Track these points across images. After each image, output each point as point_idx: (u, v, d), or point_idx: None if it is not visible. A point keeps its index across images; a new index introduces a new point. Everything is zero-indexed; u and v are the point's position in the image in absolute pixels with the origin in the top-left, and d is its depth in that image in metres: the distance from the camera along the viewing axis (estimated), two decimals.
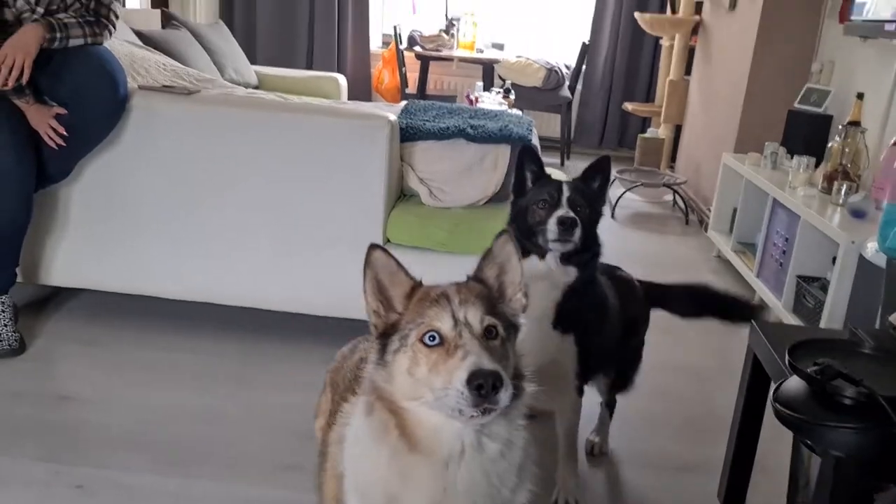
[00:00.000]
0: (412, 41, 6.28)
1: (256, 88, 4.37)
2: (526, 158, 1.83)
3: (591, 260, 1.79)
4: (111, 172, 2.48)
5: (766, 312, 2.05)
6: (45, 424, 2.06)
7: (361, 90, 6.28)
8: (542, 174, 1.82)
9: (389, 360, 1.04)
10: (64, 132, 2.27)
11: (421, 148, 2.65)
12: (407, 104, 3.17)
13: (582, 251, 1.74)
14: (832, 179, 3.05)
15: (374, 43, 6.63)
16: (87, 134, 2.35)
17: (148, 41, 3.73)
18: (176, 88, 2.69)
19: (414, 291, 1.08)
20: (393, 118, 2.48)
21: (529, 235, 1.76)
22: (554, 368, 1.78)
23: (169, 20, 4.58)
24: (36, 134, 2.28)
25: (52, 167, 2.38)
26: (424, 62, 6.15)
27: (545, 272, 1.75)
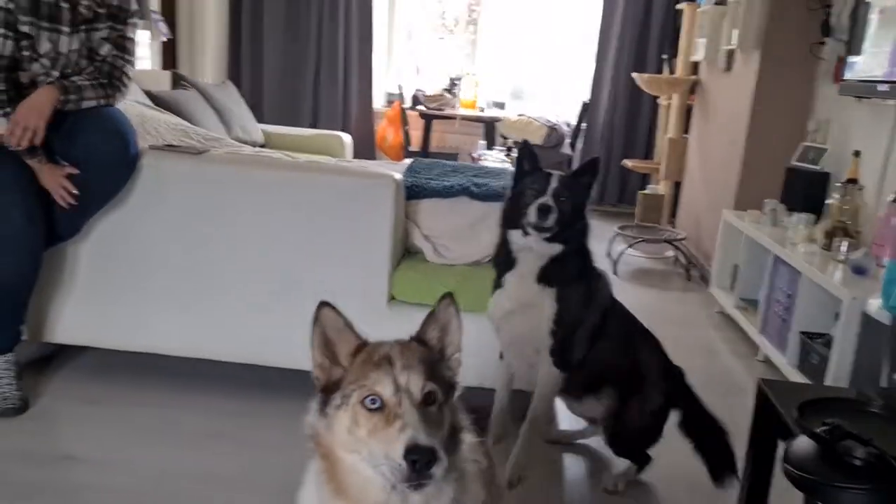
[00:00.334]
0: (416, 100, 6.42)
1: (263, 146, 4.45)
2: (524, 154, 2.09)
3: (574, 236, 2.04)
4: (119, 230, 2.51)
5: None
6: (47, 485, 2.04)
7: (365, 148, 6.37)
8: (536, 168, 2.07)
9: (331, 413, 1.09)
10: (76, 192, 2.30)
11: (425, 205, 2.68)
12: (412, 162, 3.22)
13: (563, 230, 1.99)
14: (832, 236, 3.07)
15: (377, 101, 6.76)
16: (98, 193, 2.38)
17: (158, 101, 3.82)
18: (184, 148, 2.74)
19: (359, 350, 1.12)
20: (398, 177, 2.52)
21: (517, 217, 2.02)
22: (534, 321, 2.05)
23: (178, 81, 4.70)
24: (47, 193, 2.30)
25: (62, 226, 2.40)
26: (428, 120, 6.27)
27: (530, 246, 2.03)
